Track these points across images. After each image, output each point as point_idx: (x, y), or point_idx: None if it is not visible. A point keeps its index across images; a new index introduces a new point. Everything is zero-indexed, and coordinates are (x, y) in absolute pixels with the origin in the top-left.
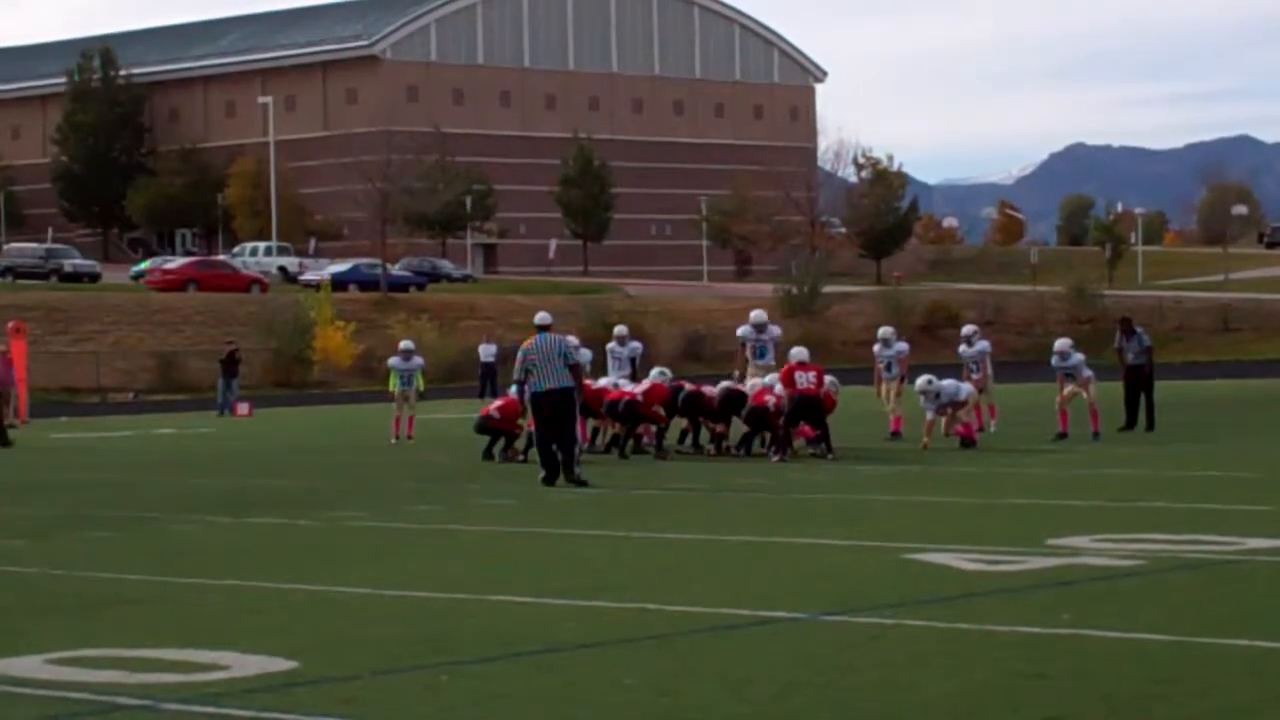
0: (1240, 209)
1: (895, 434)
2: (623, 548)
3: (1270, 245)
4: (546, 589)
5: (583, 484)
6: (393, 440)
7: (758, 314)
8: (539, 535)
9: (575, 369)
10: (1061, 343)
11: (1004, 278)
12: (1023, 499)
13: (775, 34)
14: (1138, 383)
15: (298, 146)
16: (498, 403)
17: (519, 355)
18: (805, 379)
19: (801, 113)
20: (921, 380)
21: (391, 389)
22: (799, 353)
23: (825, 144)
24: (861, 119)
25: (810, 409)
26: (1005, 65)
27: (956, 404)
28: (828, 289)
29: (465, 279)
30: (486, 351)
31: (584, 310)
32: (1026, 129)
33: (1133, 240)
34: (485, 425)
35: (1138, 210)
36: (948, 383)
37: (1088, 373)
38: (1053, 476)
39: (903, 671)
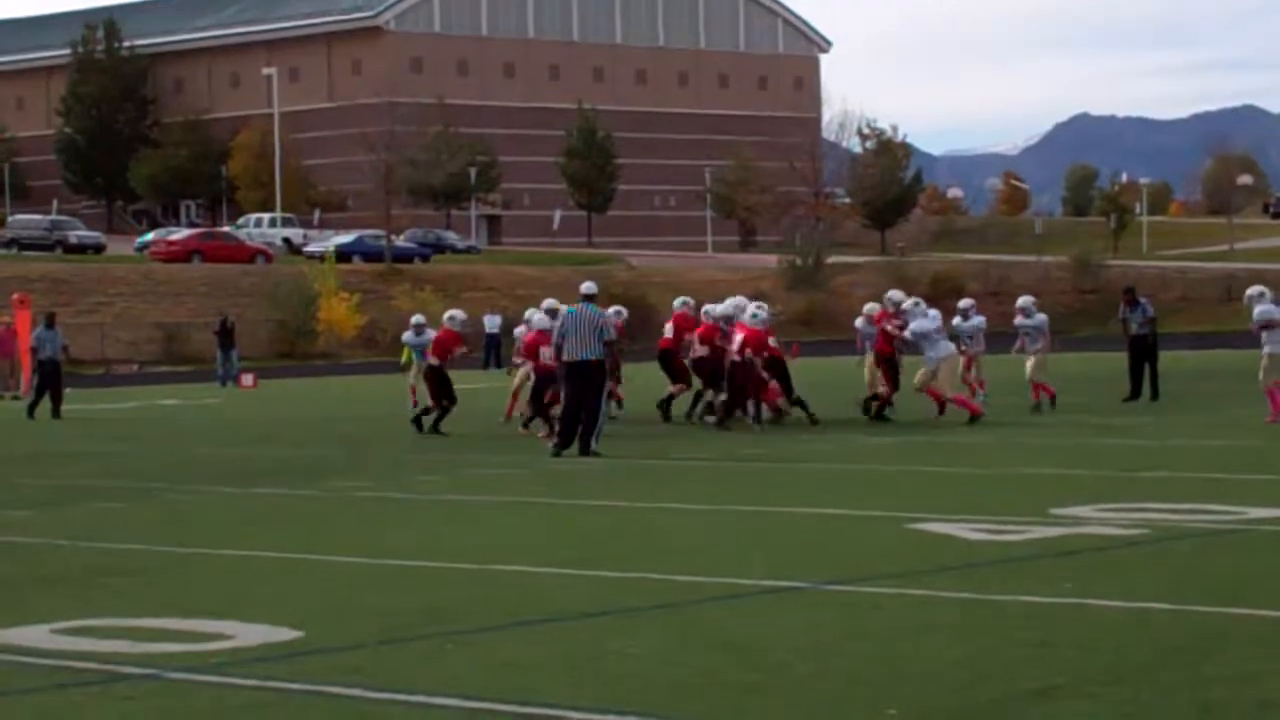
0: (1245, 179)
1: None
2: (626, 517)
3: (1275, 215)
4: (550, 559)
5: (595, 455)
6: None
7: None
8: (542, 505)
9: (610, 345)
10: (1024, 300)
11: (1008, 248)
12: (1026, 469)
13: (779, 4)
14: (1142, 352)
15: (302, 118)
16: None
17: (558, 321)
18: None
19: (806, 83)
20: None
21: (404, 362)
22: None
23: (829, 114)
24: (866, 89)
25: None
26: (1010, 36)
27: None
28: (831, 260)
29: (469, 250)
30: (491, 322)
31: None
32: (1031, 99)
33: (1138, 210)
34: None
35: (1143, 181)
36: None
37: (1038, 344)
38: (1056, 446)
39: (906, 640)
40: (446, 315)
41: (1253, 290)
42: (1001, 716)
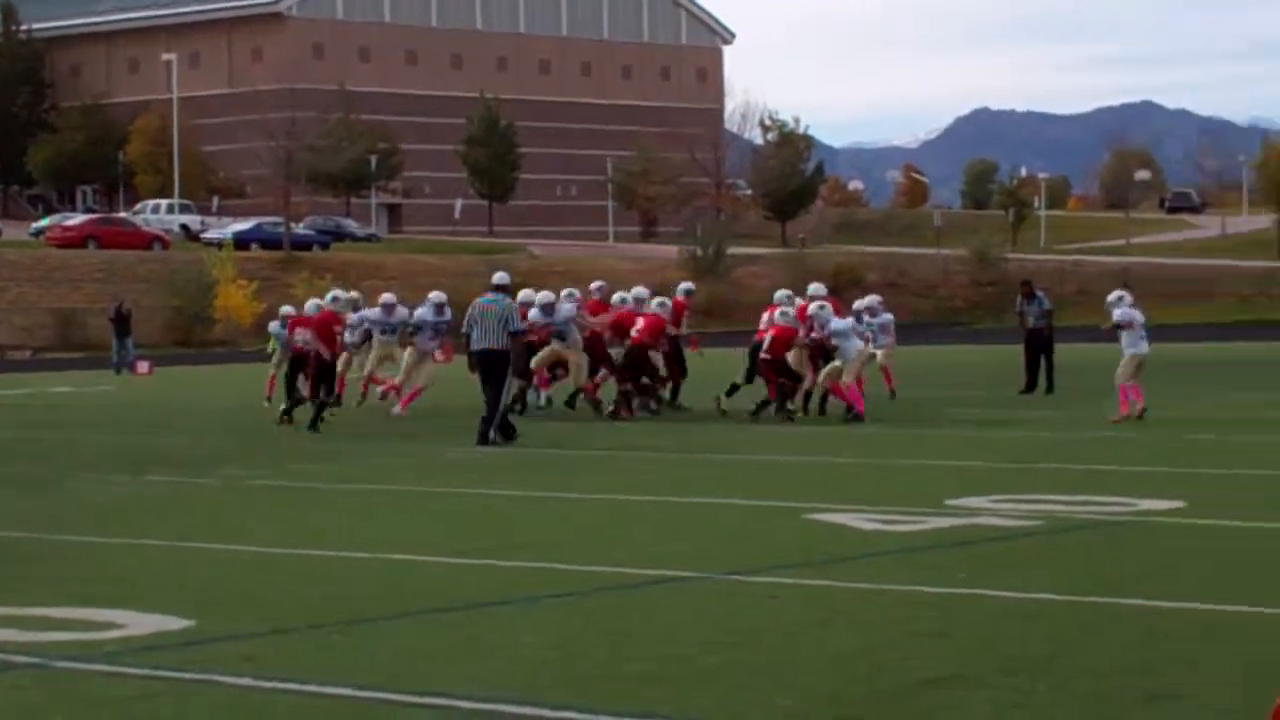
0: (1143, 174)
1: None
2: (523, 507)
3: (1172, 210)
4: (448, 548)
5: (490, 444)
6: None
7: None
8: (441, 494)
9: (515, 336)
10: (869, 300)
11: (908, 240)
12: (922, 460)
13: None
14: (1038, 345)
15: (201, 104)
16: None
17: (468, 309)
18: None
19: (709, 74)
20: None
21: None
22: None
23: (732, 106)
24: (768, 81)
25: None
26: (911, 30)
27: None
28: (733, 251)
29: (369, 238)
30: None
31: (489, 270)
32: (932, 93)
33: (1036, 204)
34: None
35: (1041, 175)
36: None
37: (887, 339)
38: (952, 438)
39: (803, 631)
40: (330, 296)
41: (1112, 296)
42: (898, 706)
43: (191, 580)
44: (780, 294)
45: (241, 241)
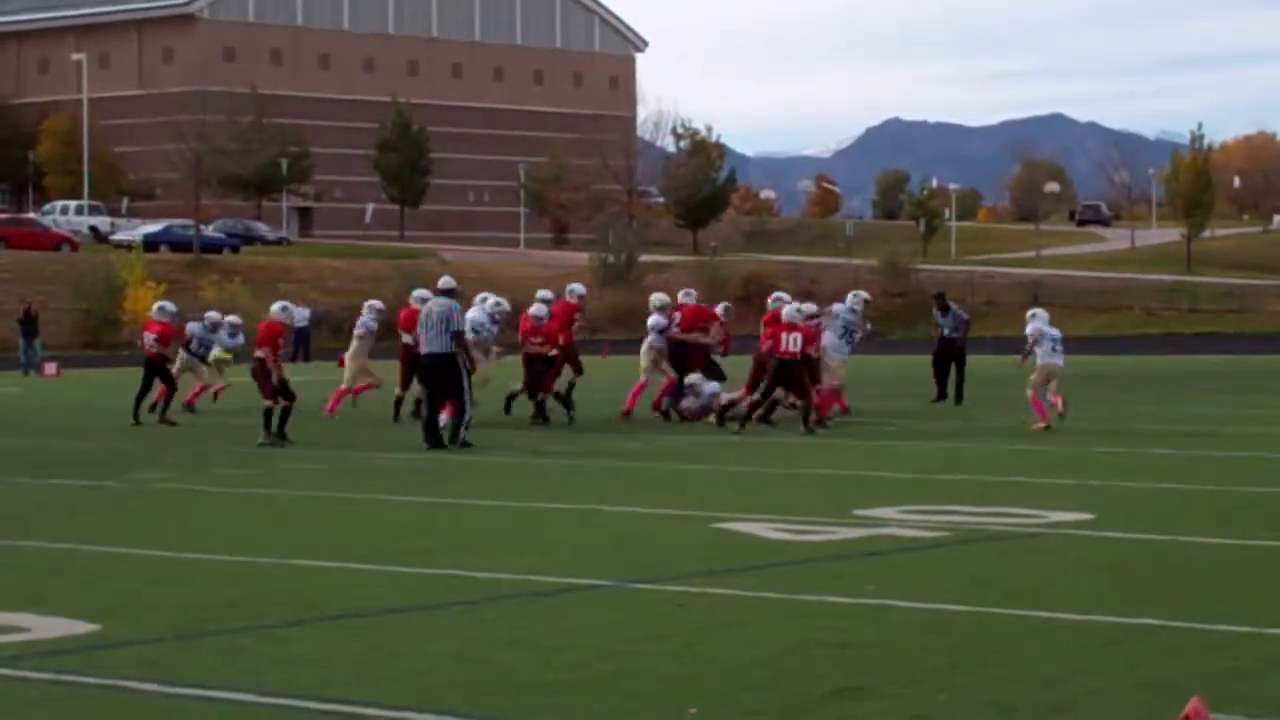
0: (1052, 186)
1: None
2: (434, 514)
3: (1081, 223)
4: (354, 554)
5: (467, 446)
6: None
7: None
8: (349, 500)
9: (458, 335)
10: (719, 307)
11: (819, 250)
12: (831, 470)
13: (596, 2)
14: (949, 356)
15: (112, 105)
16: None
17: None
18: (791, 341)
19: (621, 82)
20: (694, 377)
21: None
22: (790, 311)
23: (644, 113)
24: (681, 89)
25: (790, 375)
26: (823, 40)
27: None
28: (644, 258)
29: (280, 242)
30: (300, 315)
31: (398, 275)
32: (843, 103)
33: (946, 215)
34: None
35: (952, 186)
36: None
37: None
38: (862, 448)
39: (708, 639)
40: (279, 305)
41: (1030, 313)
42: (802, 716)
43: (96, 585)
44: (780, 295)
45: (151, 244)
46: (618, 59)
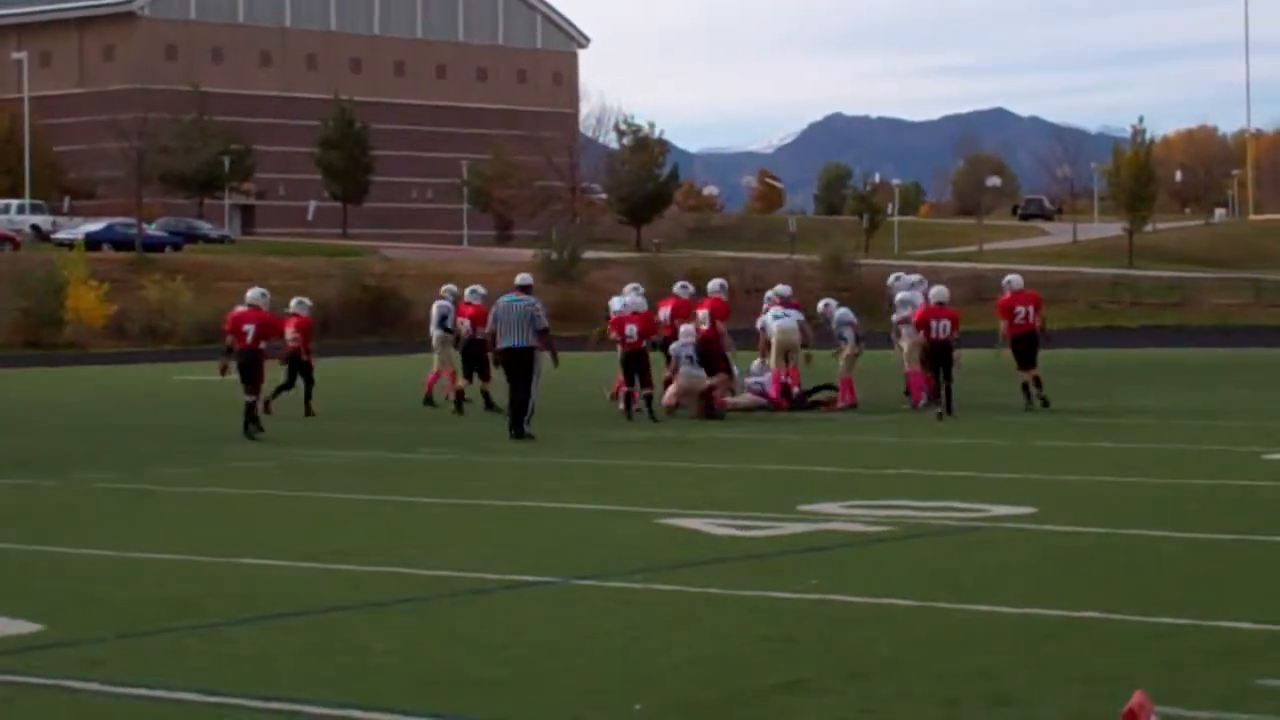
0: (994, 181)
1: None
2: (378, 512)
3: (1024, 217)
4: (298, 552)
5: (530, 438)
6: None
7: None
8: (293, 499)
9: (542, 333)
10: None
11: (763, 246)
12: (775, 465)
13: None
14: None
15: (52, 103)
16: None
17: (491, 311)
18: (940, 327)
19: (564, 78)
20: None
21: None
22: (939, 291)
23: (587, 110)
24: (624, 86)
25: (942, 358)
26: (765, 36)
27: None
28: (587, 255)
29: (222, 240)
30: None
31: (341, 273)
32: (787, 99)
33: (889, 210)
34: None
35: (894, 181)
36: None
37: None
38: (805, 443)
39: (652, 635)
40: (258, 292)
41: (901, 298)
42: (746, 710)
43: (39, 584)
44: (784, 290)
45: (93, 242)
46: (560, 55)
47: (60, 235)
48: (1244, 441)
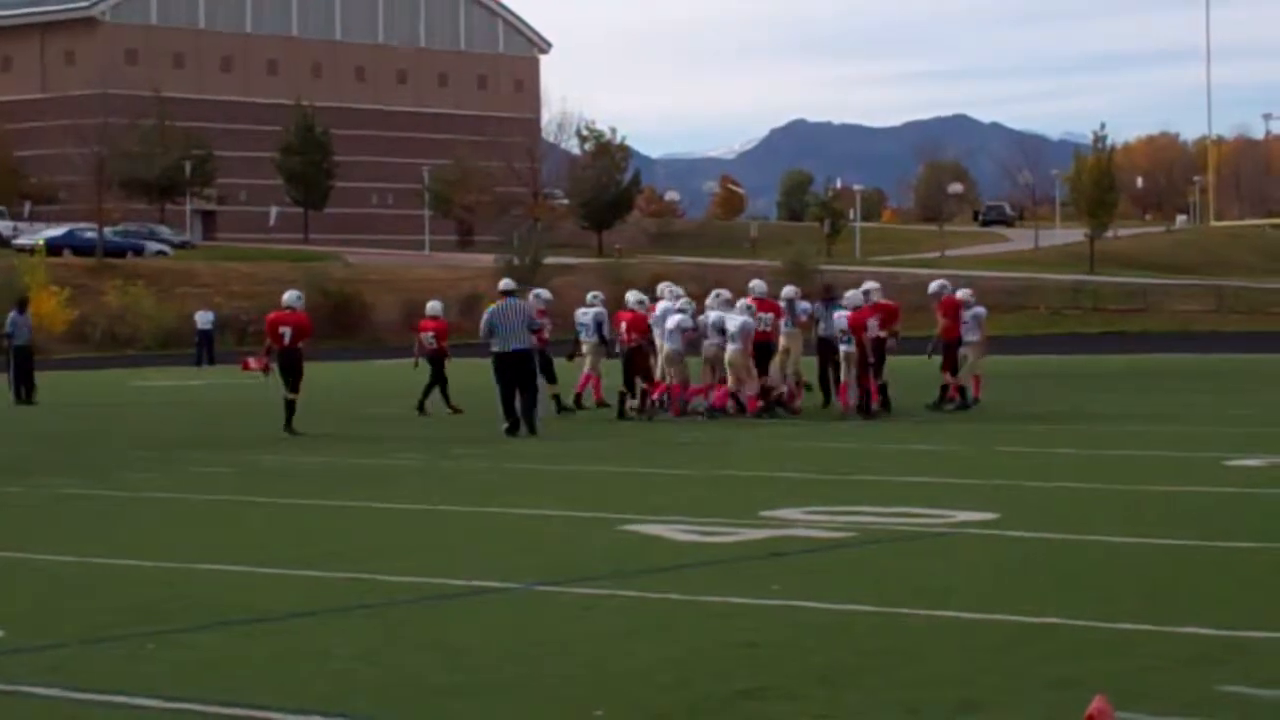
0: (956, 187)
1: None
2: (340, 518)
3: (986, 223)
4: (261, 558)
5: (536, 433)
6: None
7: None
8: (256, 505)
9: (537, 334)
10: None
11: (724, 251)
12: (736, 470)
13: (500, 4)
14: (829, 355)
15: (13, 108)
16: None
17: (485, 316)
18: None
19: (525, 84)
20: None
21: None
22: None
23: (548, 115)
24: (585, 91)
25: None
26: (728, 42)
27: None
28: (549, 260)
29: (183, 245)
30: (204, 319)
31: (303, 278)
32: (748, 105)
33: (851, 216)
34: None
35: (856, 187)
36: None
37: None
38: (767, 448)
39: (615, 641)
40: (294, 295)
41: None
42: (710, 717)
43: (0, 590)
44: (758, 286)
45: (54, 247)
46: (522, 61)
47: (21, 241)
48: (1206, 447)
